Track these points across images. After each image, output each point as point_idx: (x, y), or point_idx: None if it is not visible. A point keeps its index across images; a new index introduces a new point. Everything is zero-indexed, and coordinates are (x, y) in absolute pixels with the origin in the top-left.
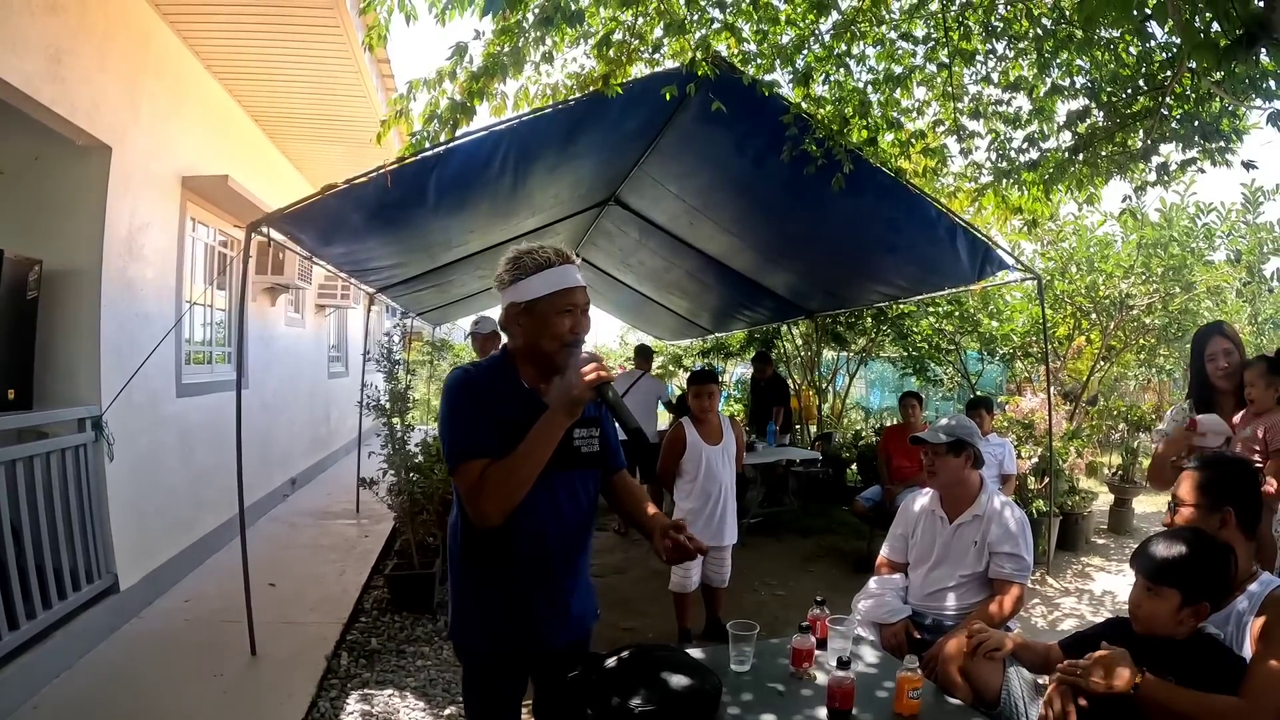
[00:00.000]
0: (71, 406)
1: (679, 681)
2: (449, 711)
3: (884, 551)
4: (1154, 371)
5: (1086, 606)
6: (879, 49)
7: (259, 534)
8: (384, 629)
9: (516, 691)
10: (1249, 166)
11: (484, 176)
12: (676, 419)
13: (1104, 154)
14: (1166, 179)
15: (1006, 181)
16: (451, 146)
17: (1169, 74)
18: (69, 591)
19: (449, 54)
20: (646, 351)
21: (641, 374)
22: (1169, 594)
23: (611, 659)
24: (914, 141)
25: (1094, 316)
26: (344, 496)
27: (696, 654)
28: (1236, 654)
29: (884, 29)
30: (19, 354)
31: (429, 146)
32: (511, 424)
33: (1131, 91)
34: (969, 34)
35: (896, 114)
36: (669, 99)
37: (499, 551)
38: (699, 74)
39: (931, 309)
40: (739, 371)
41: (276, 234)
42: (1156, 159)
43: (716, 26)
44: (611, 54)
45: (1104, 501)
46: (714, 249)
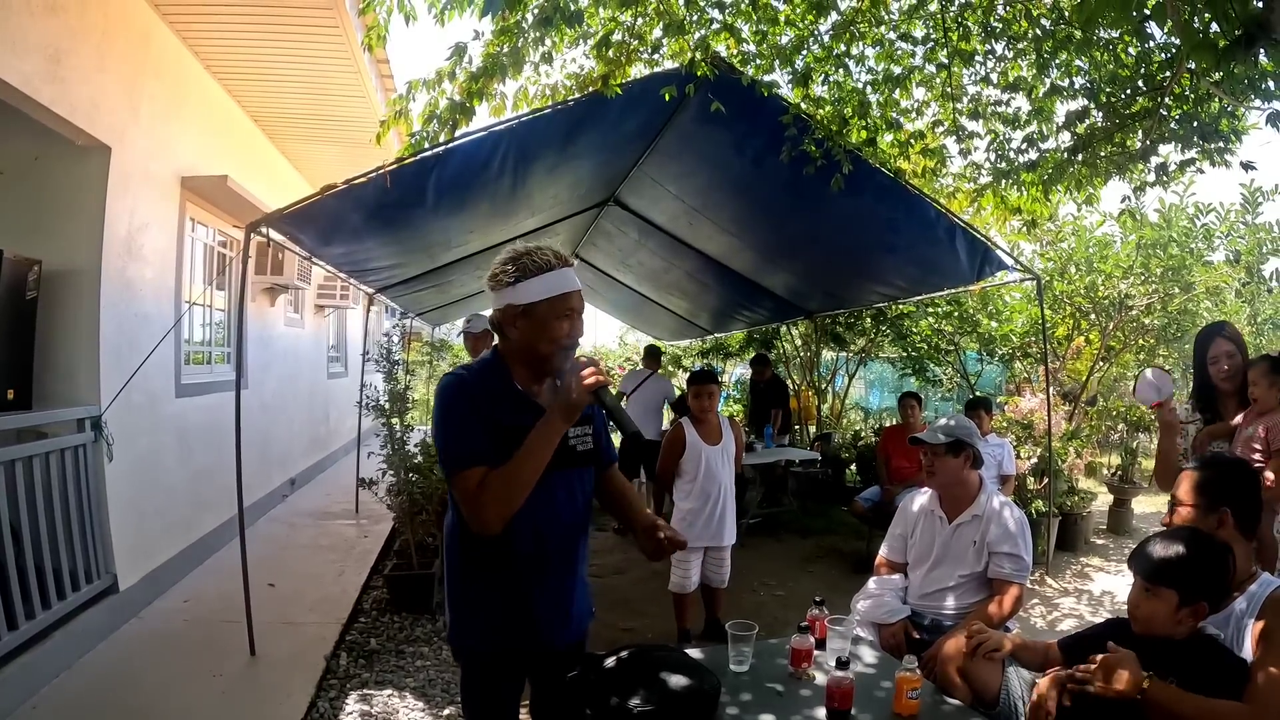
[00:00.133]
0: (71, 407)
1: (678, 682)
2: (448, 712)
3: (883, 551)
4: None
5: (1085, 607)
6: (878, 49)
7: (258, 534)
8: (383, 629)
9: (515, 692)
10: (1248, 167)
11: (483, 177)
12: (676, 419)
13: (1103, 154)
14: (1165, 179)
15: (1005, 182)
16: (451, 147)
17: (1168, 74)
18: (68, 592)
19: (448, 54)
20: (655, 352)
21: (650, 373)
22: (1167, 594)
23: (610, 659)
24: (913, 142)
25: (1093, 317)
26: (343, 497)
27: (695, 654)
28: (1236, 655)
29: (883, 29)
30: (18, 354)
31: (428, 147)
32: (507, 428)
33: (1130, 92)
34: (968, 34)
35: (896, 114)
36: (668, 99)
37: (498, 553)
38: (698, 74)
39: (931, 309)
40: (738, 372)
41: (276, 234)
42: (1155, 159)
43: (716, 27)
44: (611, 54)
45: (1103, 502)
46: (713, 249)
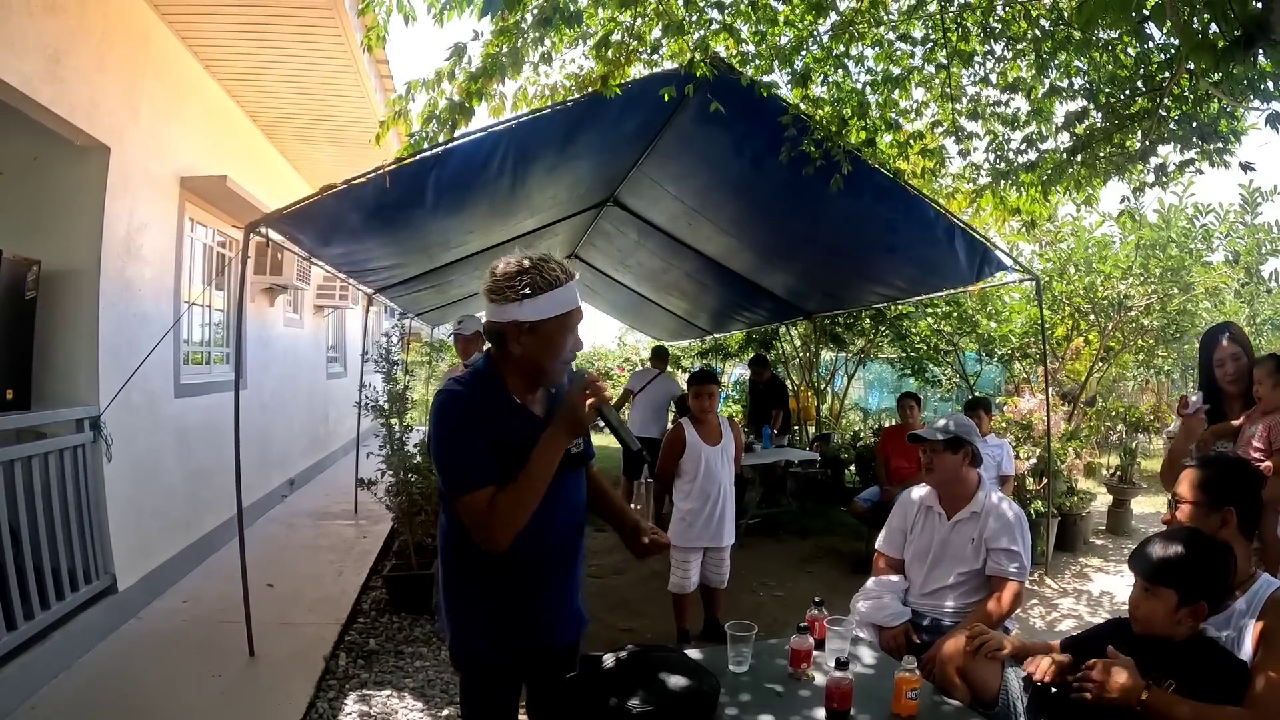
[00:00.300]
0: (70, 407)
1: (677, 682)
2: (446, 712)
3: (880, 544)
4: (1152, 372)
5: (1085, 607)
6: (877, 50)
7: (257, 534)
8: (382, 630)
9: (514, 694)
10: (1247, 168)
11: (482, 177)
12: (676, 419)
13: (1102, 155)
14: (1165, 180)
15: (1005, 182)
16: (450, 147)
17: (1167, 75)
18: (67, 592)
19: (447, 55)
20: (663, 353)
21: (658, 373)
22: (1166, 594)
23: (610, 659)
24: (912, 142)
25: (1092, 317)
26: (342, 497)
27: (695, 655)
28: (1236, 657)
29: (882, 30)
30: (17, 354)
31: (427, 147)
32: (508, 443)
33: (1130, 92)
34: (967, 35)
35: (895, 115)
36: (667, 100)
37: (502, 559)
38: (697, 75)
39: (930, 310)
40: (737, 373)
41: (275, 234)
42: (1155, 160)
43: (715, 27)
44: (610, 55)
45: (1102, 502)
46: (712, 250)
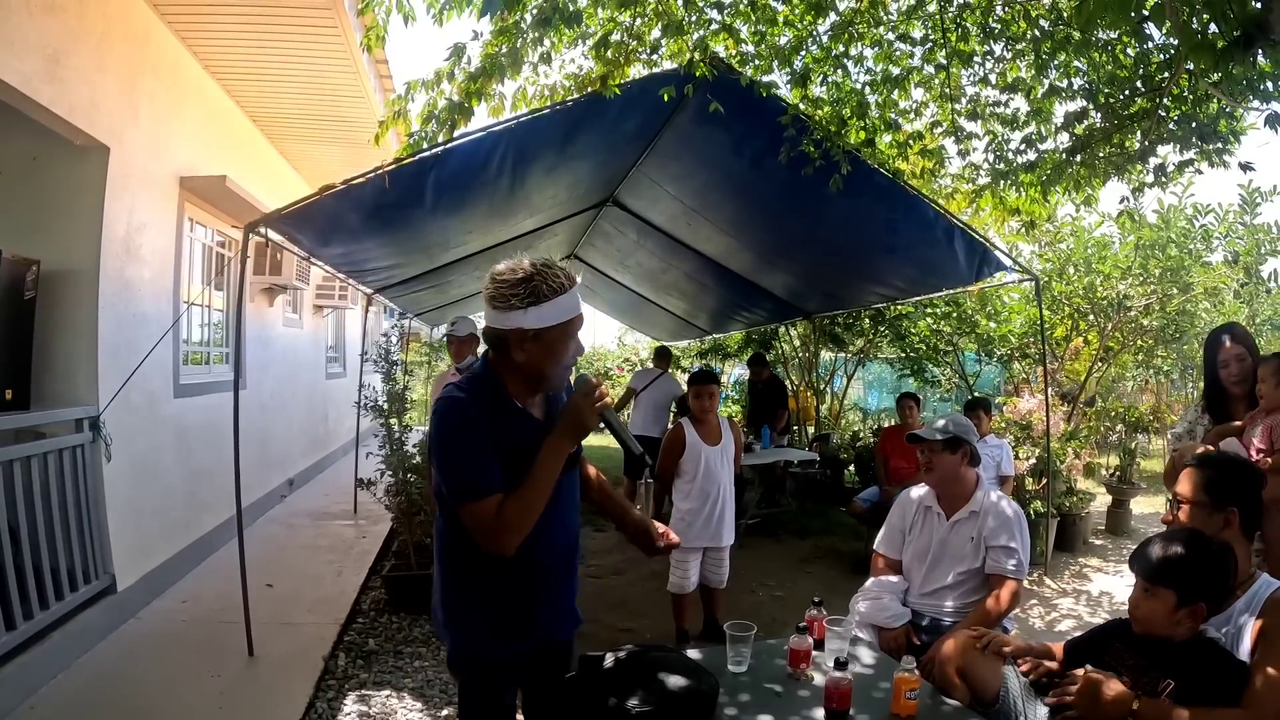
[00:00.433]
0: (69, 407)
1: (676, 682)
2: (445, 713)
3: (879, 544)
4: (1151, 373)
5: (1084, 607)
6: (877, 50)
7: (257, 535)
8: (381, 630)
9: (514, 695)
10: (1246, 168)
11: (482, 177)
12: (676, 419)
13: (1101, 155)
14: (1164, 180)
15: (1004, 183)
16: (449, 147)
17: (1167, 75)
18: (66, 592)
19: (447, 55)
20: (666, 353)
21: (660, 373)
22: (1165, 594)
23: (609, 659)
24: (912, 143)
25: (1091, 318)
26: (342, 497)
27: (694, 655)
28: (1236, 657)
29: (882, 30)
30: (16, 354)
31: (427, 147)
32: (512, 449)
33: (1129, 93)
34: (967, 35)
35: (894, 115)
36: (667, 100)
37: (501, 560)
38: (697, 75)
39: (929, 310)
40: (737, 373)
41: (274, 234)
42: (1154, 160)
43: (714, 27)
44: (609, 55)
45: (1102, 502)
46: (712, 250)
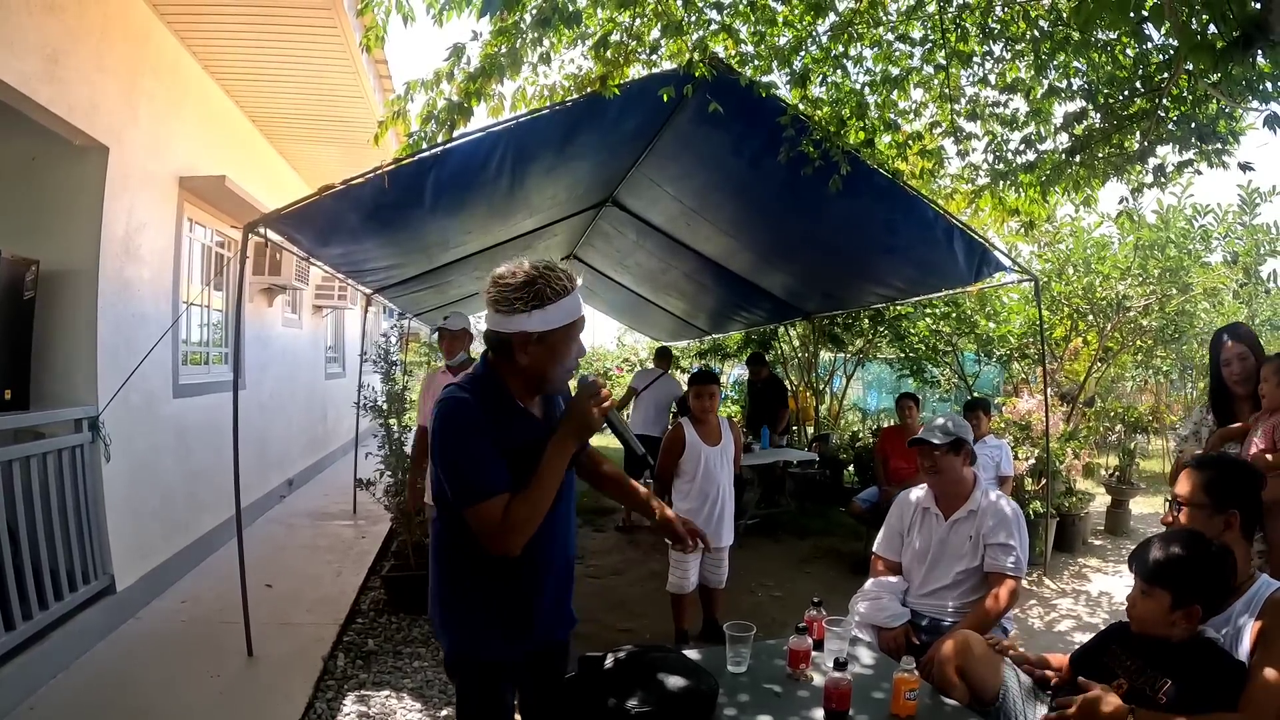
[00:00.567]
0: (68, 407)
1: (675, 683)
2: (445, 713)
3: (878, 546)
4: (1151, 373)
5: (1083, 608)
6: (876, 50)
7: (256, 535)
8: (381, 630)
9: (512, 695)
10: (1245, 168)
11: (481, 178)
12: (676, 419)
13: (1101, 156)
14: (1163, 180)
15: (1003, 183)
16: (449, 147)
17: (1166, 76)
18: (66, 592)
19: (446, 55)
20: (667, 353)
21: (661, 373)
22: (1160, 595)
23: (608, 660)
24: (911, 143)
25: (1091, 318)
26: (341, 497)
27: (693, 655)
28: (1235, 658)
29: (881, 30)
30: (16, 354)
31: (426, 147)
32: (516, 450)
33: (1128, 93)
34: (966, 36)
35: (894, 115)
36: (666, 100)
37: (501, 559)
38: (696, 75)
39: (928, 310)
40: (736, 373)
41: (274, 235)
42: (1153, 160)
43: (714, 28)
44: (609, 55)
45: (1101, 503)
46: (711, 250)
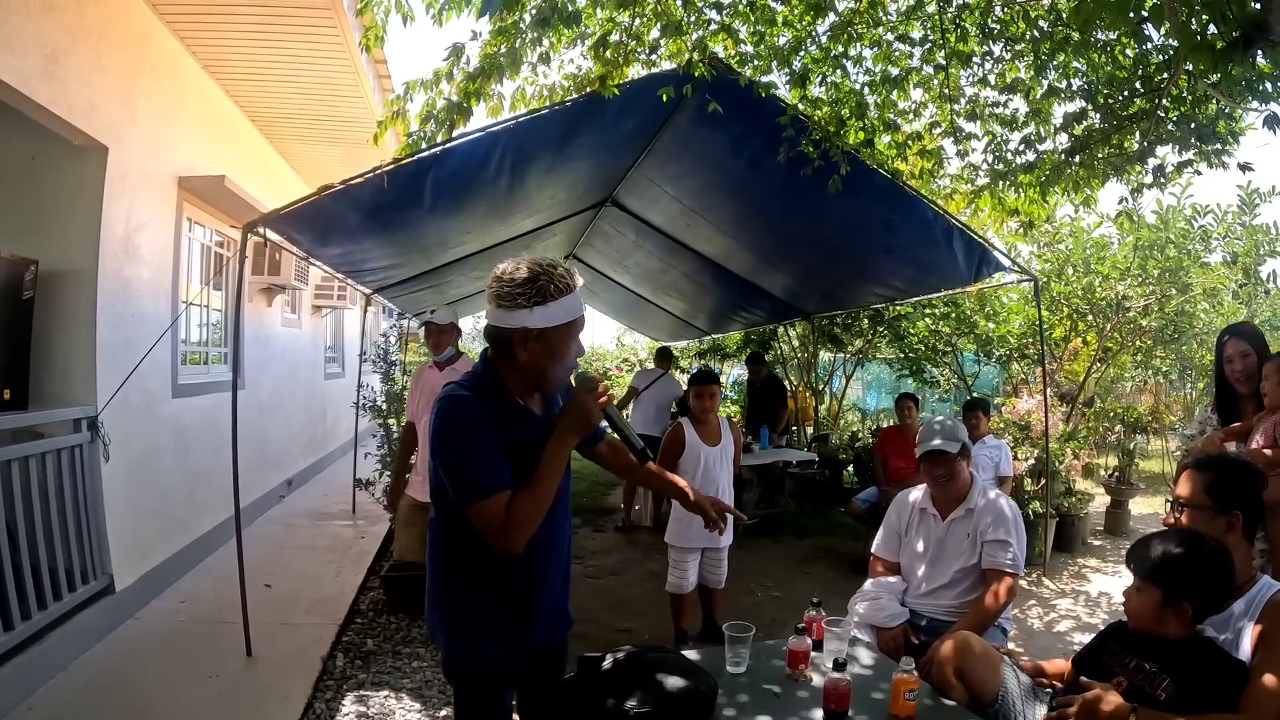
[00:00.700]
0: (67, 407)
1: (675, 683)
2: (444, 713)
3: (877, 547)
4: (1150, 373)
5: (1082, 608)
6: (876, 51)
7: (255, 535)
8: (380, 630)
9: (509, 696)
10: (1245, 168)
11: (481, 178)
12: (676, 419)
13: (1100, 156)
14: (1163, 181)
15: (1003, 183)
16: (448, 147)
17: (1165, 76)
18: (64, 592)
19: (446, 55)
20: (667, 353)
21: (661, 373)
22: (1151, 591)
23: (607, 660)
24: (911, 143)
25: (1090, 318)
26: (340, 497)
27: (692, 655)
28: (1234, 657)
29: (881, 31)
30: (15, 354)
31: (425, 147)
32: (517, 448)
33: (1128, 93)
34: (966, 36)
35: (893, 115)
36: (666, 100)
37: (500, 558)
38: (696, 75)
39: (928, 310)
40: (735, 373)
41: (273, 234)
42: (1153, 161)
43: (713, 28)
44: (608, 55)
45: (1100, 503)
46: (711, 250)
